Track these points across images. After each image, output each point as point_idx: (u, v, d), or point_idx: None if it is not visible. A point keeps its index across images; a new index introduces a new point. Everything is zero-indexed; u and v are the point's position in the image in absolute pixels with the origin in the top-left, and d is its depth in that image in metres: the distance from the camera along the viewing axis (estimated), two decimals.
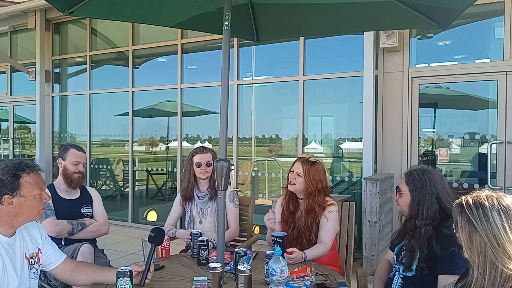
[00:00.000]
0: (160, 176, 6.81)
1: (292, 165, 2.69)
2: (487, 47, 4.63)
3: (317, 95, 5.45)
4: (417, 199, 2.05)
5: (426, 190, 2.04)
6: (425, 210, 2.02)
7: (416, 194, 2.06)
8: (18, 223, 1.87)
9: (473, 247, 1.34)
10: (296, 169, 2.62)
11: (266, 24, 3.05)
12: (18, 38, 8.06)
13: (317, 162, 2.64)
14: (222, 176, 2.10)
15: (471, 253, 1.35)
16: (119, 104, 6.88)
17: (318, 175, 2.60)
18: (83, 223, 2.85)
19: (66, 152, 2.93)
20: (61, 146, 3.00)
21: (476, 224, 1.34)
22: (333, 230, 2.56)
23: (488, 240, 1.31)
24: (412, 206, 2.08)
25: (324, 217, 2.55)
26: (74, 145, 3.02)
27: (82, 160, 2.95)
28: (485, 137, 4.52)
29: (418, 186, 2.06)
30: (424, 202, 2.03)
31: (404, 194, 2.13)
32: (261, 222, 2.90)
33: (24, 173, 1.83)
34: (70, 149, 2.94)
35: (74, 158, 2.91)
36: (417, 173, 2.10)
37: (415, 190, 2.07)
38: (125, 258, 4.95)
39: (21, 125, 8.41)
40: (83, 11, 2.61)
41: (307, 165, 2.60)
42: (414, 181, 2.09)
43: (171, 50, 6.40)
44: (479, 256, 1.32)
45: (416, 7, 2.50)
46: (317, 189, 2.58)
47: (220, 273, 1.86)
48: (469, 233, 1.35)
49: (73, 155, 2.92)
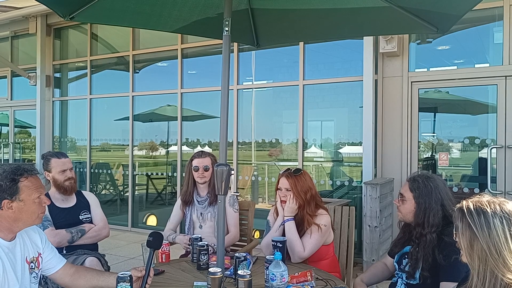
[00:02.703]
0: (160, 180, 6.80)
1: (277, 182, 2.61)
2: (486, 52, 4.65)
3: (317, 99, 5.46)
4: (423, 206, 2.01)
5: (432, 197, 2.01)
6: (431, 218, 1.98)
7: (422, 201, 2.02)
8: (17, 227, 1.87)
9: (473, 253, 1.32)
10: (284, 185, 2.54)
11: (266, 29, 3.06)
12: (19, 43, 8.09)
13: (301, 171, 2.57)
14: (222, 181, 2.09)
15: (471, 259, 1.33)
16: (119, 109, 6.89)
17: (306, 184, 2.53)
18: (82, 229, 2.84)
19: (49, 163, 2.85)
20: (42, 158, 2.91)
21: (476, 231, 1.31)
22: (315, 243, 2.46)
23: (487, 248, 1.28)
24: (418, 213, 2.03)
25: (312, 228, 2.46)
26: (53, 153, 2.93)
27: (68, 165, 2.87)
28: (485, 142, 4.52)
29: (424, 193, 2.02)
30: (430, 210, 1.99)
31: (407, 201, 2.08)
32: (261, 226, 2.90)
33: (22, 177, 1.83)
34: (51, 160, 2.85)
35: (58, 167, 2.83)
36: (422, 180, 2.06)
37: (420, 197, 2.03)
38: (125, 262, 4.94)
39: (22, 130, 8.42)
40: (83, 17, 2.63)
41: (292, 177, 2.53)
42: (419, 187, 2.04)
43: (171, 55, 6.42)
44: (480, 263, 1.30)
45: (415, 12, 2.51)
46: (306, 200, 2.51)
47: (220, 278, 1.86)
48: (469, 239, 1.33)
49: (56, 164, 2.84)
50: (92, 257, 2.67)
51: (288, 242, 2.42)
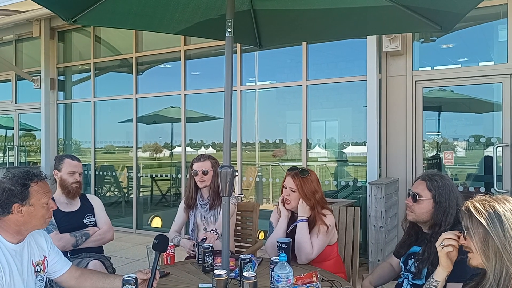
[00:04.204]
0: (165, 182, 6.81)
1: (283, 179, 2.56)
2: (490, 50, 4.62)
3: (320, 99, 5.45)
4: (443, 205, 1.99)
5: (451, 196, 1.99)
6: (449, 217, 1.97)
7: (442, 200, 2.00)
8: (26, 231, 1.89)
9: (489, 251, 1.29)
10: (289, 184, 2.49)
11: (269, 29, 3.06)
12: (23, 47, 8.13)
13: (308, 173, 2.50)
14: (226, 182, 2.09)
15: (487, 258, 1.30)
16: (123, 111, 6.91)
17: (312, 187, 2.47)
18: (87, 233, 2.85)
19: (61, 162, 2.91)
20: (56, 158, 3.00)
21: (489, 228, 1.29)
22: (322, 244, 2.44)
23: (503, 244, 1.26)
24: (437, 213, 2.00)
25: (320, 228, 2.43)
26: (68, 155, 3.01)
27: (78, 169, 2.93)
28: (490, 140, 4.49)
29: (443, 192, 2.00)
30: (449, 208, 1.98)
31: (425, 201, 2.04)
32: (266, 227, 2.88)
33: (33, 182, 1.86)
34: (65, 159, 2.93)
35: (69, 168, 2.89)
36: (440, 178, 2.04)
37: (441, 196, 2.00)
38: (130, 265, 4.95)
39: (26, 133, 8.46)
40: (86, 20, 2.64)
41: (298, 178, 2.47)
42: (438, 186, 2.02)
43: (174, 56, 6.43)
44: (496, 260, 1.28)
45: (419, 10, 2.50)
46: (316, 201, 2.47)
47: (226, 279, 1.86)
48: (483, 238, 1.31)
49: (69, 165, 2.90)
50: (96, 260, 2.68)
51: (297, 243, 2.40)
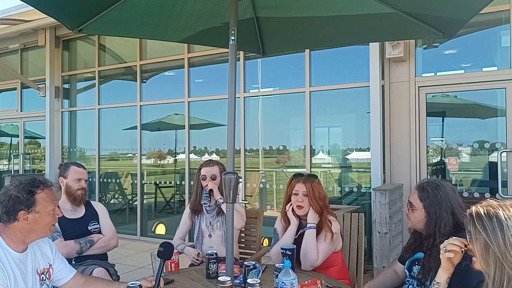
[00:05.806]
0: (169, 189, 6.82)
1: (289, 186, 2.53)
2: (494, 56, 4.62)
3: (323, 106, 5.46)
4: (434, 216, 1.97)
5: (442, 207, 1.97)
6: (443, 228, 1.95)
7: (432, 211, 1.98)
8: (30, 239, 1.89)
9: (489, 258, 1.29)
10: (301, 189, 2.47)
11: (272, 37, 3.08)
12: (28, 55, 8.21)
13: (317, 178, 2.51)
14: (230, 189, 2.10)
15: (486, 265, 1.30)
16: (127, 118, 6.95)
17: (322, 191, 2.49)
18: (91, 240, 2.85)
19: (67, 170, 2.94)
20: (61, 165, 3.02)
21: (490, 235, 1.29)
22: (327, 251, 2.43)
23: (503, 251, 1.26)
24: (429, 224, 2.00)
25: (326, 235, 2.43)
26: (74, 162, 3.03)
27: (84, 176, 2.95)
28: (495, 145, 4.48)
29: (434, 203, 1.98)
30: (441, 220, 1.96)
31: (417, 210, 2.04)
32: (270, 234, 2.88)
33: (39, 189, 1.87)
34: (71, 167, 2.95)
35: (75, 175, 2.91)
36: (431, 188, 2.01)
37: (431, 207, 1.99)
38: (134, 272, 4.95)
39: (31, 140, 8.51)
40: (91, 29, 2.67)
41: (309, 183, 2.47)
42: (429, 197, 2.00)
43: (178, 64, 6.47)
44: (496, 267, 1.28)
45: (421, 17, 2.51)
46: (325, 206, 2.47)
47: (230, 286, 1.85)
48: (484, 244, 1.31)
49: (75, 172, 2.92)
50: (100, 268, 2.68)
51: (303, 249, 2.40)
